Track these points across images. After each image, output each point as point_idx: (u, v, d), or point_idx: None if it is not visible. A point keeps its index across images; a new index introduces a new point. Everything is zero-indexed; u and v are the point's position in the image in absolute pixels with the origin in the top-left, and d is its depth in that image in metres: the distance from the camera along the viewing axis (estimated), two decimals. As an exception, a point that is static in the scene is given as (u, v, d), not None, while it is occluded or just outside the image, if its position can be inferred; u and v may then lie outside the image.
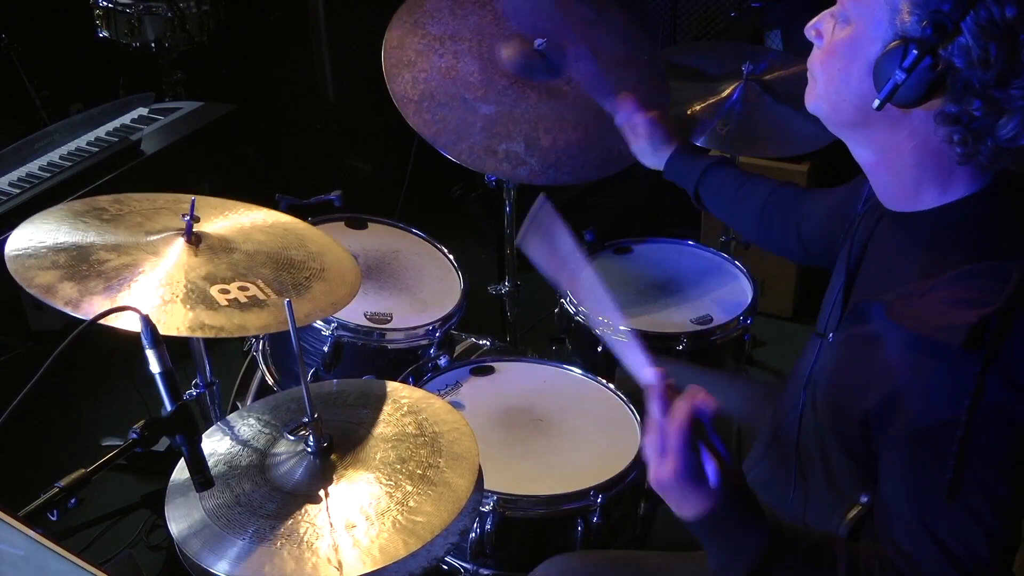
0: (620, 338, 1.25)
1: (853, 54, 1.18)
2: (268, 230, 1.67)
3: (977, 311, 1.09)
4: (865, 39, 1.17)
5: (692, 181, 1.85)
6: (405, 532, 1.25)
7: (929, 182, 1.21)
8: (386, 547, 1.22)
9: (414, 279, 2.17)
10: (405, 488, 1.31)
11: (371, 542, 1.23)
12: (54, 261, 1.44)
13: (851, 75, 1.19)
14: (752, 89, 2.37)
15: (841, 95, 1.22)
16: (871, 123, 1.21)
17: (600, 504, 1.61)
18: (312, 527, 1.26)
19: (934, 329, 1.12)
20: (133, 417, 1.21)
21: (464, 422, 1.45)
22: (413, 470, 1.34)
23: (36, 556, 0.97)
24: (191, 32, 3.06)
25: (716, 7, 3.34)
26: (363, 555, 1.22)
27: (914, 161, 1.20)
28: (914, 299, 1.17)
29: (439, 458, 1.37)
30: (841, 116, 1.24)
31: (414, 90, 1.99)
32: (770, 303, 2.95)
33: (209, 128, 2.69)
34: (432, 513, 1.28)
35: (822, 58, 1.24)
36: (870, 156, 1.26)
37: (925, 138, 1.18)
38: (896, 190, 1.25)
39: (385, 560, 1.21)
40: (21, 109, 3.03)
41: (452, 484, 1.33)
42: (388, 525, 1.26)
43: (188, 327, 1.37)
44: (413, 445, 1.39)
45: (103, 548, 2.32)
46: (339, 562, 1.21)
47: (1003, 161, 1.14)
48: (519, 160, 1.97)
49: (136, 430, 1.17)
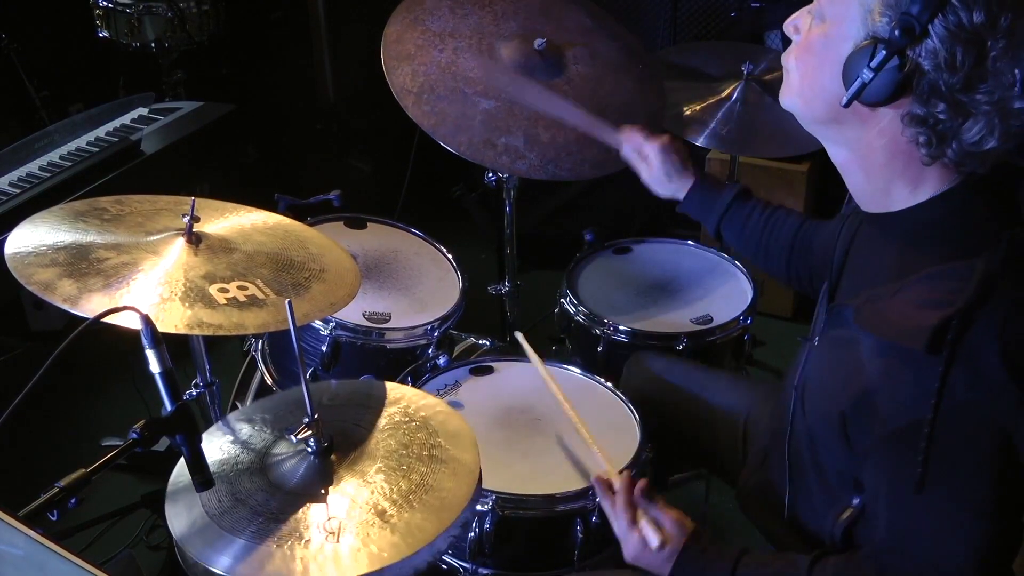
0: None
1: (826, 51, 1.20)
2: (268, 231, 1.67)
3: (938, 313, 1.10)
4: (838, 37, 1.18)
5: (713, 223, 1.77)
6: (405, 530, 1.25)
7: (899, 182, 1.22)
8: (387, 546, 1.22)
9: (413, 279, 2.17)
10: (405, 487, 1.31)
11: (372, 541, 1.23)
12: (54, 259, 1.44)
13: (823, 72, 1.21)
14: (752, 89, 2.37)
15: (814, 91, 1.23)
16: (842, 121, 1.22)
17: (599, 504, 1.61)
18: (313, 527, 1.26)
19: (898, 334, 1.14)
20: (133, 417, 1.21)
21: (463, 422, 1.45)
22: (412, 469, 1.35)
23: (36, 556, 0.97)
24: (191, 32, 3.06)
25: (716, 7, 3.34)
26: (364, 554, 1.22)
27: (885, 160, 1.21)
28: (881, 303, 1.18)
29: (438, 457, 1.37)
30: (814, 112, 1.26)
31: (413, 82, 1.99)
32: (770, 303, 2.96)
33: (209, 128, 2.70)
34: (432, 512, 1.28)
35: (797, 53, 1.26)
36: (843, 154, 1.27)
37: (894, 137, 1.19)
38: (870, 190, 1.26)
39: (386, 559, 1.21)
40: (21, 109, 3.03)
41: (451, 483, 1.33)
42: (389, 524, 1.26)
43: (186, 325, 1.37)
44: (412, 444, 1.39)
45: (103, 548, 2.33)
46: (340, 562, 1.21)
47: (970, 164, 1.15)
48: (518, 154, 1.97)
49: (136, 430, 1.17)
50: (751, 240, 1.75)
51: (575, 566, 1.66)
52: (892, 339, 1.14)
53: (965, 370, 1.10)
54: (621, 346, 2.06)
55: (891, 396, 1.15)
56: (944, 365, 1.10)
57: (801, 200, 3.06)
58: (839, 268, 1.38)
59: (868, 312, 1.19)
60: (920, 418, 1.12)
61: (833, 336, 1.30)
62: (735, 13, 3.27)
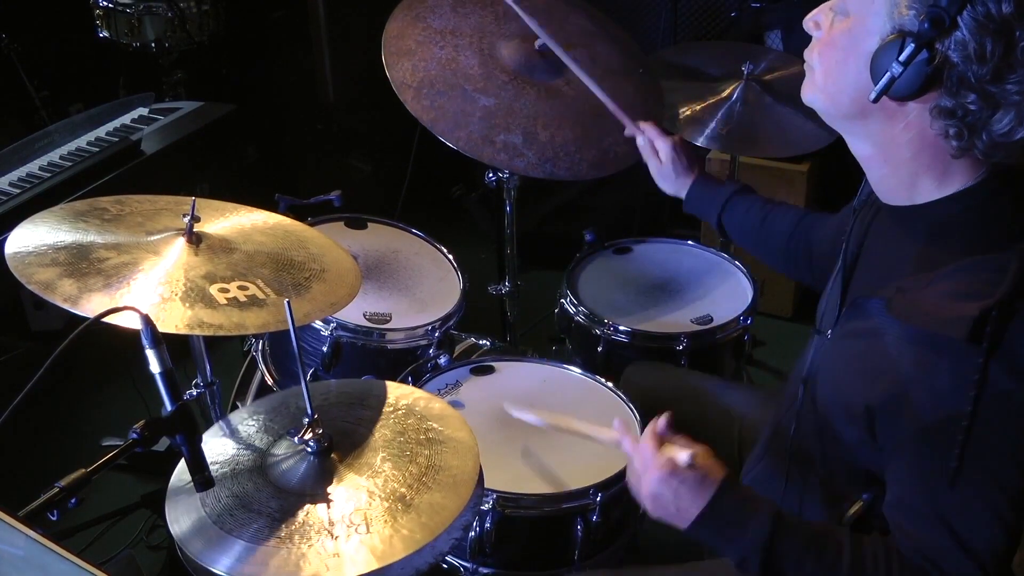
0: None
1: (851, 46, 1.19)
2: (269, 232, 1.67)
3: (978, 303, 1.10)
4: (863, 32, 1.18)
5: (713, 215, 1.83)
6: (407, 530, 1.25)
7: (926, 175, 1.22)
8: (388, 546, 1.22)
9: (414, 279, 2.17)
10: (406, 486, 1.31)
11: (373, 541, 1.23)
12: (54, 259, 1.44)
13: (849, 67, 1.20)
14: (752, 89, 2.37)
15: (839, 87, 1.23)
16: (868, 116, 1.21)
17: (599, 503, 1.61)
18: (314, 527, 1.26)
19: (937, 324, 1.13)
20: (133, 417, 1.21)
21: (463, 421, 1.45)
22: (413, 468, 1.35)
23: (36, 556, 0.97)
24: (191, 32, 3.06)
25: (716, 7, 3.34)
26: (365, 554, 1.21)
27: (911, 154, 1.21)
28: (914, 293, 1.18)
29: (439, 457, 1.37)
30: (839, 108, 1.25)
31: (413, 77, 1.99)
32: (770, 303, 2.96)
33: (209, 128, 2.70)
34: (433, 511, 1.28)
35: (820, 49, 1.25)
36: (867, 149, 1.26)
37: (921, 131, 1.18)
38: (893, 183, 1.26)
39: (387, 559, 1.21)
40: (21, 109, 3.03)
41: (453, 482, 1.33)
42: (390, 523, 1.26)
43: (187, 325, 1.37)
44: (413, 444, 1.39)
45: (103, 548, 2.33)
46: (341, 561, 1.21)
47: (998, 155, 1.15)
48: (516, 151, 1.97)
49: (136, 430, 1.17)
50: (751, 231, 1.79)
51: (575, 566, 1.67)
52: (932, 328, 1.14)
53: (1005, 361, 1.11)
54: (621, 346, 2.06)
55: (927, 387, 1.15)
56: (984, 355, 1.10)
57: (801, 200, 3.06)
58: (853, 260, 1.37)
59: (902, 302, 1.19)
60: (958, 411, 1.12)
61: (850, 328, 1.29)
62: (735, 13, 3.27)
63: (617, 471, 1.64)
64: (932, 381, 1.15)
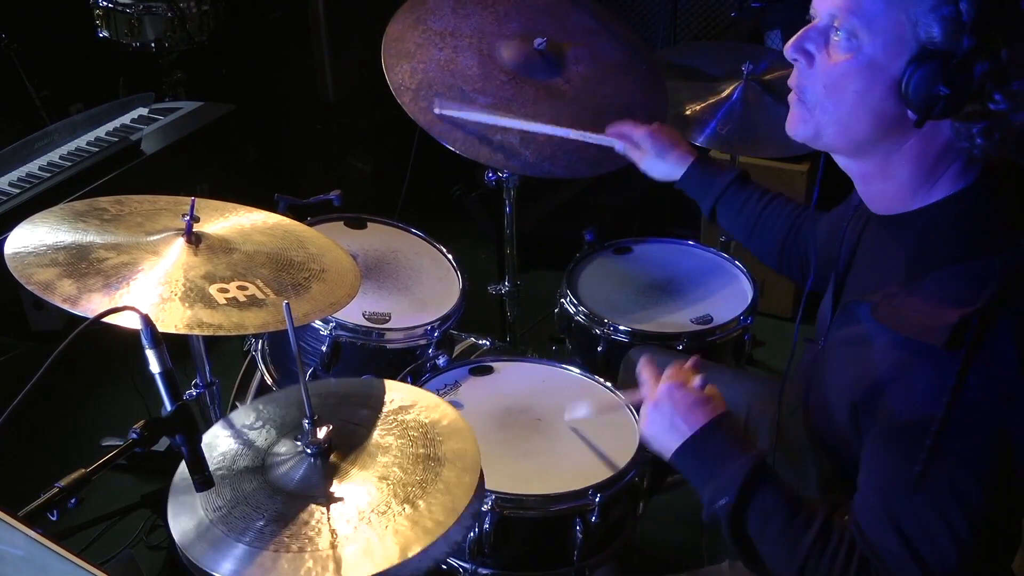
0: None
1: (873, 74, 1.16)
2: (268, 232, 1.67)
3: (959, 311, 1.10)
4: (884, 57, 1.15)
5: (710, 200, 1.82)
6: (408, 532, 1.24)
7: (921, 185, 1.22)
8: (389, 547, 1.22)
9: (413, 279, 2.17)
10: (407, 488, 1.31)
11: (374, 542, 1.23)
12: (53, 259, 1.44)
13: (872, 95, 1.17)
14: (752, 89, 2.37)
15: (858, 116, 1.19)
16: (882, 138, 1.20)
17: (599, 503, 1.61)
18: (314, 527, 1.26)
19: (917, 331, 1.14)
20: (133, 417, 1.21)
21: (463, 421, 1.45)
22: (414, 469, 1.35)
23: (36, 556, 0.97)
24: (191, 32, 3.06)
25: (716, 7, 3.34)
26: (366, 555, 1.21)
27: (914, 166, 1.21)
28: (899, 299, 1.18)
29: (440, 457, 1.37)
30: (855, 136, 1.22)
31: (412, 79, 2.00)
32: (770, 303, 2.95)
33: (209, 128, 2.69)
34: (434, 512, 1.27)
35: (829, 82, 1.20)
36: (868, 168, 1.25)
37: (929, 140, 1.18)
38: (890, 196, 1.26)
39: (388, 561, 1.21)
40: (21, 109, 3.03)
41: (454, 483, 1.32)
42: (391, 525, 1.25)
43: (186, 325, 1.37)
44: (413, 445, 1.39)
45: (103, 548, 2.33)
46: (342, 563, 1.21)
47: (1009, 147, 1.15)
48: (513, 151, 1.98)
49: (136, 430, 1.17)
50: (746, 224, 1.78)
51: (575, 566, 1.67)
52: (912, 335, 1.14)
53: (982, 369, 1.10)
54: (621, 346, 2.06)
55: (904, 387, 1.15)
56: (962, 363, 1.10)
57: (801, 200, 3.05)
58: (844, 268, 1.37)
59: (886, 308, 1.19)
60: (931, 415, 1.12)
61: (842, 335, 1.30)
62: (735, 13, 3.27)
63: (616, 472, 1.65)
64: (909, 383, 1.15)
